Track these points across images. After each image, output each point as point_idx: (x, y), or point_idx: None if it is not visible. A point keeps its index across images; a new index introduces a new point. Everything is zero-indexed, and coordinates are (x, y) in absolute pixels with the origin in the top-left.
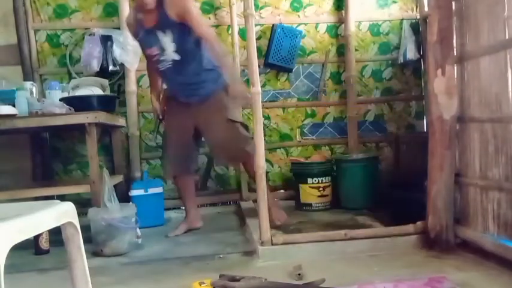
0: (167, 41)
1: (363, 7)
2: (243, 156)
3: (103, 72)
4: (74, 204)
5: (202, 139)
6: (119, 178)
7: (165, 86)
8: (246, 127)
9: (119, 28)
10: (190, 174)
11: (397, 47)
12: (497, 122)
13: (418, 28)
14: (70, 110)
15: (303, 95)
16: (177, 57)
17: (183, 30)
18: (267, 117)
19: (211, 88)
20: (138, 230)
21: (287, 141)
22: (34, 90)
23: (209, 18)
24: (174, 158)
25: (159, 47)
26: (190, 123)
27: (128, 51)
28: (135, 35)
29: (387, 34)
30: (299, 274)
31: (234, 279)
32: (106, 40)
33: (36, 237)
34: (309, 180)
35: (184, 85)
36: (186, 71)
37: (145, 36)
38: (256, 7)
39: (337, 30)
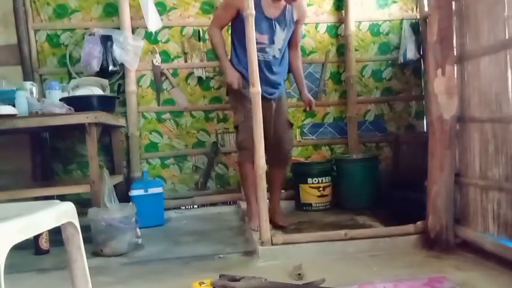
0: (280, 36)
1: (363, 7)
2: (288, 159)
3: (103, 72)
4: (74, 204)
5: None
6: (119, 178)
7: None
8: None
9: (118, 28)
10: None
11: (397, 47)
12: (497, 122)
13: (418, 28)
14: (70, 110)
15: None
16: (278, 54)
17: (290, 33)
18: None
19: (281, 91)
20: (138, 230)
21: None
22: (34, 90)
23: (209, 18)
24: (249, 143)
25: (270, 38)
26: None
27: (128, 51)
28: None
29: (387, 34)
30: (299, 274)
31: (234, 279)
32: (106, 40)
33: (36, 237)
34: (309, 180)
35: (269, 81)
36: (275, 69)
37: (260, 21)
38: None
39: (337, 30)
